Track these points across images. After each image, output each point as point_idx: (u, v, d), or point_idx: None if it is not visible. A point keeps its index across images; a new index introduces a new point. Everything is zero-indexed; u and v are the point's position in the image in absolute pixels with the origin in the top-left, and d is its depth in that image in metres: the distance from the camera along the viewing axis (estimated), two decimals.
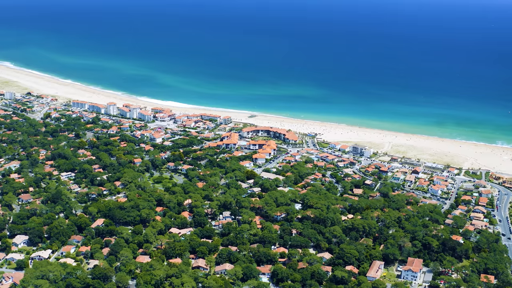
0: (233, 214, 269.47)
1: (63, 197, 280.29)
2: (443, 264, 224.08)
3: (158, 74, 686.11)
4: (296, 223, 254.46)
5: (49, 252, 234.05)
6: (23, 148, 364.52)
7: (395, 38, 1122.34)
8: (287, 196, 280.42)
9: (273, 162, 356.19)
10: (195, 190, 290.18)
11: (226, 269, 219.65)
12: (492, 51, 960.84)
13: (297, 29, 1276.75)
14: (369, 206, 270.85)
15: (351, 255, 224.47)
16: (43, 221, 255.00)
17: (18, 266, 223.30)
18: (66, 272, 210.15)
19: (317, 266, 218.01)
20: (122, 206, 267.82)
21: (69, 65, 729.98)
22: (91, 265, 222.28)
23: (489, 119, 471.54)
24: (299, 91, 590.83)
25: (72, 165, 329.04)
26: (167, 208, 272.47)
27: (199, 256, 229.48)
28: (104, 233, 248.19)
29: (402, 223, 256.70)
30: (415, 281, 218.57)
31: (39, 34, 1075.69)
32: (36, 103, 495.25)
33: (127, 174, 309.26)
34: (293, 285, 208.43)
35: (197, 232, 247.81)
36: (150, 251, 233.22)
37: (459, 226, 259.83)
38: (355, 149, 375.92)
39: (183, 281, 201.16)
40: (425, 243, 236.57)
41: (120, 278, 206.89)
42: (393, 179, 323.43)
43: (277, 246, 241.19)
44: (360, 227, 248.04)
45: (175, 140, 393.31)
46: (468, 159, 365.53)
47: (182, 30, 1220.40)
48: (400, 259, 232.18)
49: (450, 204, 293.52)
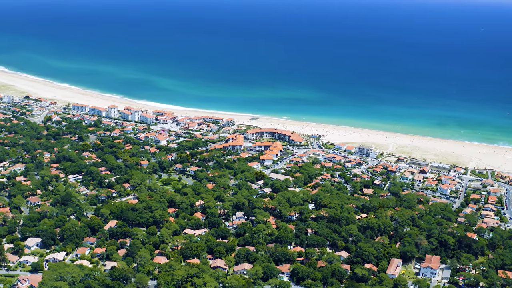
0: (246, 215, 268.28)
1: (73, 199, 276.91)
2: (461, 261, 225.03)
3: (155, 78, 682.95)
4: (312, 222, 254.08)
5: (63, 254, 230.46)
6: (26, 151, 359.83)
7: (392, 42, 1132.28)
8: (299, 196, 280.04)
9: (280, 163, 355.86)
10: (205, 191, 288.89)
11: (245, 269, 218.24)
12: (487, 55, 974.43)
13: (293, 33, 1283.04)
14: (382, 205, 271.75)
15: (370, 253, 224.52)
16: (55, 223, 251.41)
17: (33, 268, 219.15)
18: (83, 274, 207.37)
19: (337, 264, 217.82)
20: (134, 207, 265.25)
21: (64, 69, 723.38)
22: (108, 267, 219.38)
23: (489, 120, 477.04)
24: (298, 94, 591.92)
25: (79, 168, 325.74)
26: (180, 209, 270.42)
27: (217, 256, 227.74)
28: (118, 235, 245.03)
29: (416, 221, 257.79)
30: (434, 278, 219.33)
31: (31, 39, 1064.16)
32: (35, 107, 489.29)
33: (136, 176, 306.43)
34: (314, 283, 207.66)
35: (212, 233, 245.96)
36: (166, 252, 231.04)
37: (472, 224, 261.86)
38: (361, 150, 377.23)
39: (205, 280, 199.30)
40: (441, 240, 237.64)
41: (139, 279, 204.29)
42: (401, 179, 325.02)
43: (293, 246, 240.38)
44: (376, 226, 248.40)
45: (180, 142, 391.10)
46: (472, 159, 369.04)
47: (176, 35, 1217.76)
48: (417, 257, 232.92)
49: (460, 203, 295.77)
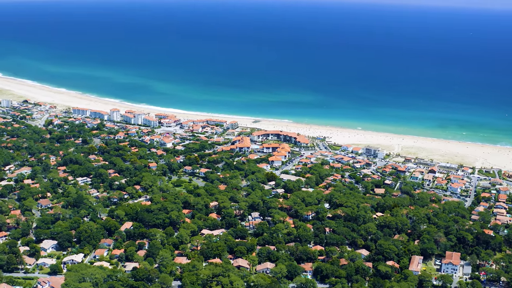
0: (262, 215, 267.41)
1: (85, 201, 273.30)
2: (481, 256, 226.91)
3: (151, 82, 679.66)
4: (330, 221, 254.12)
5: (81, 256, 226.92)
6: (31, 154, 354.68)
7: (391, 49, 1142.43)
8: (313, 196, 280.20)
9: (289, 164, 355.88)
10: (218, 192, 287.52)
11: (268, 268, 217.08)
12: (480, 60, 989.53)
13: (289, 37, 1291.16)
14: (397, 204, 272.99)
15: (391, 251, 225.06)
16: (70, 225, 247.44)
17: (52, 270, 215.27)
18: (106, 275, 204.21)
19: (360, 262, 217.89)
20: (149, 209, 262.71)
21: (59, 74, 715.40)
22: (129, 268, 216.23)
23: (488, 122, 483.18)
24: (297, 98, 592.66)
25: (87, 170, 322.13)
26: (195, 210, 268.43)
27: (238, 255, 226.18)
28: (135, 236, 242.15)
29: (432, 219, 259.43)
30: (456, 274, 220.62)
31: (22, 44, 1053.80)
32: (35, 111, 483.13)
33: (147, 178, 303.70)
34: (339, 281, 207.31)
35: (231, 233, 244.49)
36: (186, 252, 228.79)
37: (486, 221, 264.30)
38: (368, 150, 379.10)
39: (232, 279, 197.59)
40: (460, 237, 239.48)
41: (163, 279, 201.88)
42: (411, 179, 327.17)
43: (313, 245, 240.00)
44: (393, 224, 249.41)
45: (186, 144, 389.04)
46: (478, 159, 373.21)
47: (168, 40, 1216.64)
48: (436, 254, 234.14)
49: (471, 201, 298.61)
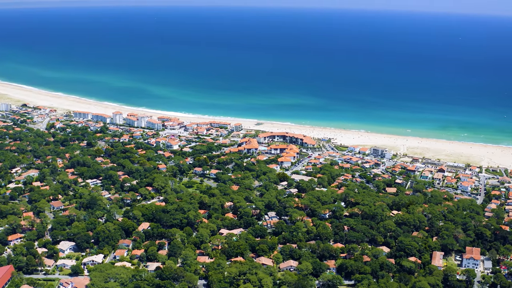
0: (279, 214, 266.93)
1: (99, 202, 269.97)
2: (500, 251, 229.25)
3: (149, 86, 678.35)
4: (348, 219, 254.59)
5: (101, 256, 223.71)
6: (37, 157, 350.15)
7: (389, 54, 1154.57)
8: (328, 195, 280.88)
9: (298, 165, 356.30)
10: (232, 192, 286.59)
11: (291, 265, 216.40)
12: (471, 63, 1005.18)
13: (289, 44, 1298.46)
14: (412, 202, 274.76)
15: (412, 247, 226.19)
16: (86, 226, 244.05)
17: (73, 271, 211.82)
18: (131, 275, 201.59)
19: (383, 258, 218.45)
20: (165, 209, 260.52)
21: (55, 79, 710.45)
22: (151, 268, 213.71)
23: (488, 123, 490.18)
24: (298, 101, 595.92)
25: (96, 172, 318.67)
26: (212, 210, 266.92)
27: (260, 254, 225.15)
28: (154, 236, 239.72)
29: (447, 216, 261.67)
30: (477, 268, 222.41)
31: (16, 50, 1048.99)
32: (35, 114, 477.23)
33: (158, 179, 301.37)
34: (365, 277, 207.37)
35: (250, 232, 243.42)
36: (208, 251, 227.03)
37: (500, 218, 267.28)
38: (375, 151, 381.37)
39: (260, 277, 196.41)
40: (478, 233, 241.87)
41: (189, 278, 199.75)
42: (421, 178, 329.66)
43: (333, 242, 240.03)
44: (411, 221, 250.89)
45: (193, 146, 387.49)
46: (483, 158, 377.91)
47: (163, 45, 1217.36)
48: (456, 249, 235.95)
49: (482, 199, 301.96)
